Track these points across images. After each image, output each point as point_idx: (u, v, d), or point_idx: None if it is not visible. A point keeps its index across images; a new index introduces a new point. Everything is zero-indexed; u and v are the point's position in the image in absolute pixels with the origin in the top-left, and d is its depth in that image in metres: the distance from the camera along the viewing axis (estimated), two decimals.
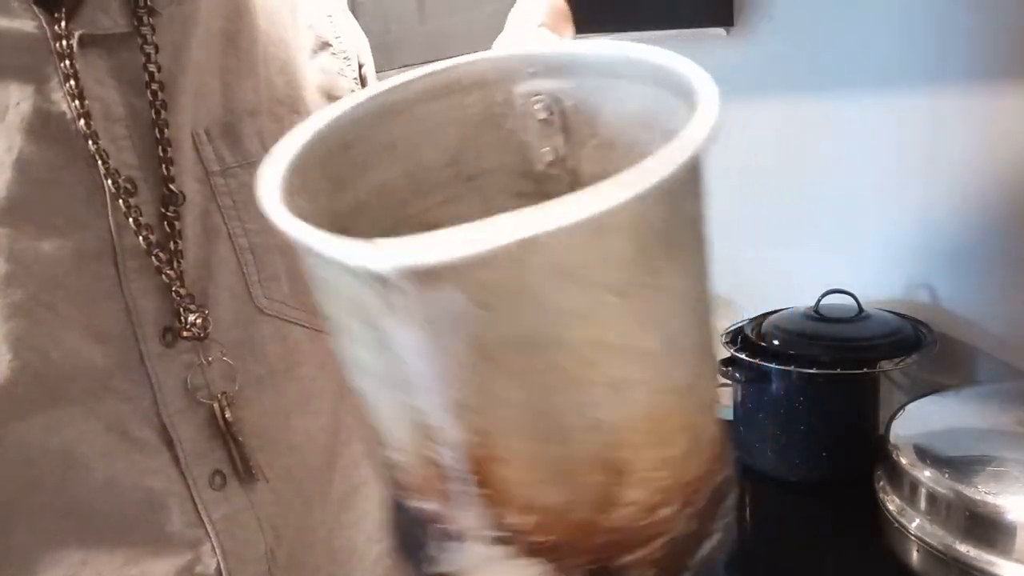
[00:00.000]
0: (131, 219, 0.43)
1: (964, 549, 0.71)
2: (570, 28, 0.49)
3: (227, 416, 0.44)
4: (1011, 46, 0.90)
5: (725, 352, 1.04)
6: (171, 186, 0.44)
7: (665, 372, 0.24)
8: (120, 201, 0.42)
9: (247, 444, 0.45)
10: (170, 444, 0.44)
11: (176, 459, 0.44)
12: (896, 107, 1.04)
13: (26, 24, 0.41)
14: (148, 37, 0.43)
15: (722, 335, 1.08)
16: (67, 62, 0.41)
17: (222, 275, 0.46)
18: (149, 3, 0.44)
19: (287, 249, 0.39)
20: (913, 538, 0.76)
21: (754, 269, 1.32)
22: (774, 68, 1.20)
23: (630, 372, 0.23)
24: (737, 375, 1.02)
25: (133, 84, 0.44)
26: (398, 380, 0.23)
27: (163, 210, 0.44)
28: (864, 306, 1.01)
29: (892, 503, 0.80)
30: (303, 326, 0.48)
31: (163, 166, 0.44)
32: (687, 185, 0.26)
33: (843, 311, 1.02)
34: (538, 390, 0.22)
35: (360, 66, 0.61)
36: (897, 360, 0.94)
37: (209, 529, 0.44)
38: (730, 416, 1.13)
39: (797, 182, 1.21)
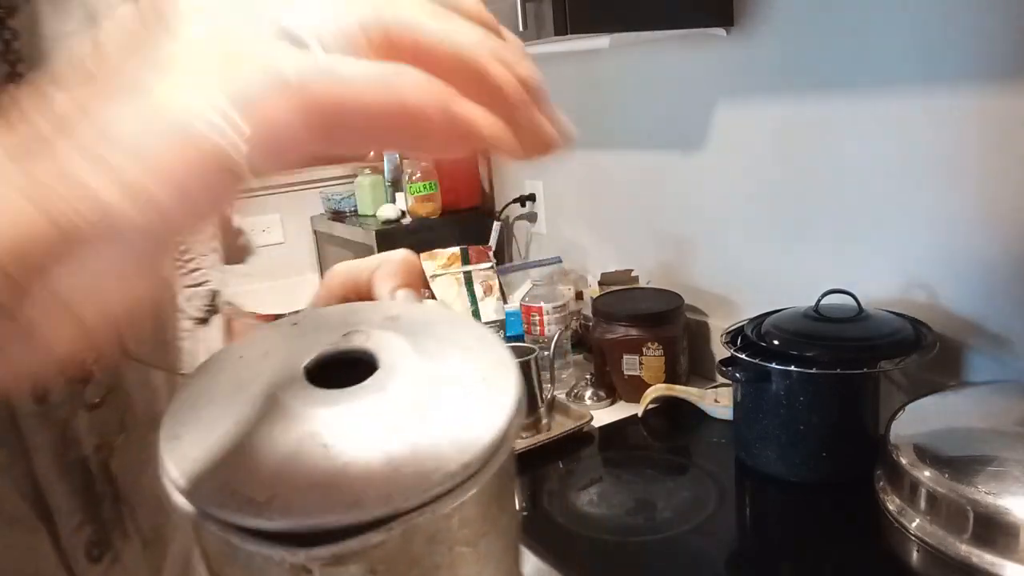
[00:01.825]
0: None
1: (964, 549, 0.71)
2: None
3: (102, 470, 0.40)
4: (1011, 46, 0.90)
5: (725, 352, 1.04)
6: None
7: None
8: None
9: (124, 501, 0.41)
10: (47, 517, 0.38)
11: (55, 535, 0.38)
12: (896, 107, 1.04)
13: None
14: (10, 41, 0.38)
15: (722, 335, 1.08)
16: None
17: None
18: None
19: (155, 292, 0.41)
20: (913, 538, 0.76)
21: (754, 269, 1.32)
22: (774, 68, 1.20)
23: None
24: (737, 375, 1.03)
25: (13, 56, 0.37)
26: None
27: None
28: (864, 306, 1.02)
29: (892, 503, 0.80)
30: (165, 369, 0.44)
31: None
32: (507, 456, 0.29)
33: (843, 311, 1.02)
34: None
35: None
36: (897, 360, 0.94)
37: None
38: (730, 416, 1.13)
39: (797, 182, 1.21)
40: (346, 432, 0.27)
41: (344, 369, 0.30)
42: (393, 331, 0.32)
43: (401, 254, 0.42)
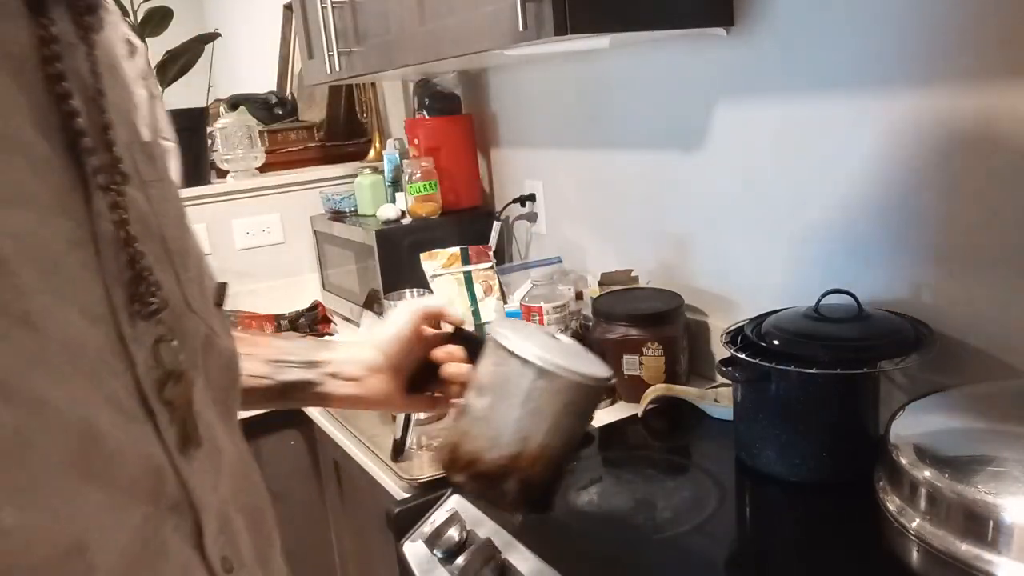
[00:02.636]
0: (115, 212, 0.48)
1: (964, 549, 0.71)
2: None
3: (171, 395, 0.50)
4: (1012, 47, 0.90)
5: (725, 352, 1.04)
6: (127, 187, 0.50)
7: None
8: (101, 193, 0.47)
9: (190, 417, 0.52)
10: (151, 415, 0.49)
11: (157, 428, 0.49)
12: (895, 107, 1.04)
13: (15, 25, 0.44)
14: (92, 52, 0.48)
15: (722, 335, 1.08)
16: (58, 64, 0.45)
17: (164, 272, 0.52)
18: (89, 18, 0.49)
19: (197, 258, 0.58)
20: (913, 538, 0.76)
21: (754, 269, 1.32)
22: (774, 68, 1.20)
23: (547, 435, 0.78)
24: (737, 375, 1.03)
25: (81, 91, 0.48)
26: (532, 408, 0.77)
27: (120, 211, 0.49)
28: (864, 306, 1.02)
29: (892, 503, 0.80)
30: (208, 326, 0.56)
31: (124, 171, 0.50)
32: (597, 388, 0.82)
33: (843, 311, 1.02)
34: (538, 421, 0.77)
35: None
36: (897, 360, 0.94)
37: (188, 489, 0.51)
38: (730, 416, 1.13)
39: (797, 182, 1.21)
40: (562, 344, 0.83)
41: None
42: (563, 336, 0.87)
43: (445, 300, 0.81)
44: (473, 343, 0.84)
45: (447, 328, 0.87)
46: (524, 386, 0.76)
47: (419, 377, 0.86)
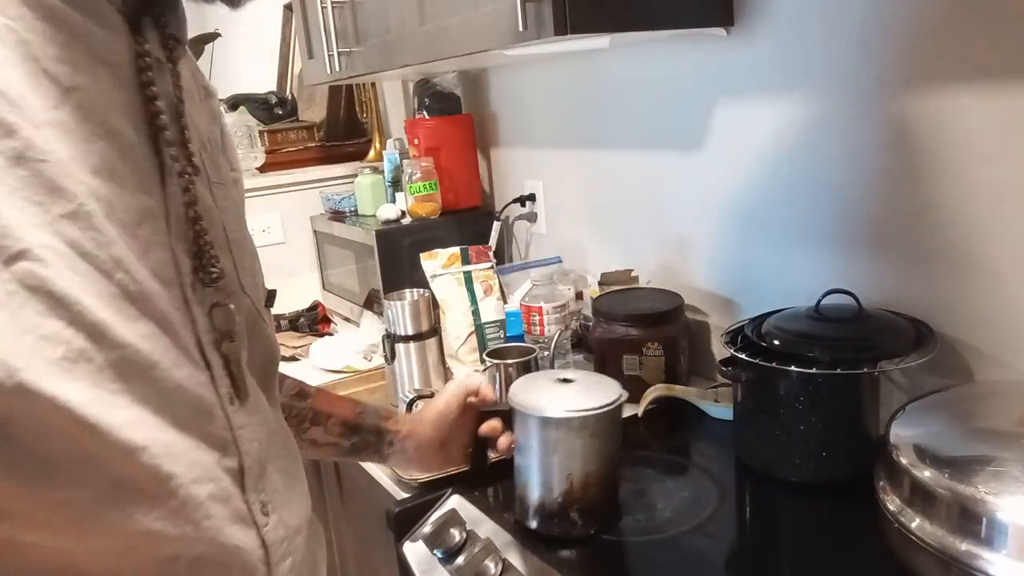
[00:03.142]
0: (185, 195, 0.58)
1: (964, 549, 0.71)
2: None
3: (227, 351, 0.60)
4: (1012, 47, 0.90)
5: (725, 352, 1.04)
6: (195, 178, 0.60)
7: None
8: (175, 178, 0.58)
9: (239, 374, 0.61)
10: (207, 366, 0.58)
11: (212, 378, 0.58)
12: (895, 107, 1.04)
13: (117, 36, 0.55)
14: (176, 67, 0.60)
15: (722, 335, 1.08)
16: (149, 73, 0.56)
17: (222, 254, 0.62)
18: (175, 51, 0.60)
19: (251, 253, 0.71)
20: (913, 538, 0.76)
21: (754, 269, 1.32)
22: (774, 68, 1.20)
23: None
24: (737, 375, 1.03)
25: (166, 98, 0.59)
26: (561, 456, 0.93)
27: (196, 196, 0.59)
28: (864, 306, 1.02)
29: (892, 503, 0.80)
30: (257, 309, 0.67)
31: (195, 167, 0.60)
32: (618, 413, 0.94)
33: (843, 311, 1.02)
34: (573, 458, 0.93)
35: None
36: (897, 360, 0.94)
37: (235, 433, 0.60)
38: (730, 416, 1.13)
39: (797, 182, 1.21)
40: (573, 383, 0.95)
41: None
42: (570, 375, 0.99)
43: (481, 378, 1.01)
44: (506, 414, 0.95)
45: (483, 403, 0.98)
46: (550, 437, 0.91)
47: (475, 448, 0.98)
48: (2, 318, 0.45)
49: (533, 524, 0.94)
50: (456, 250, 1.62)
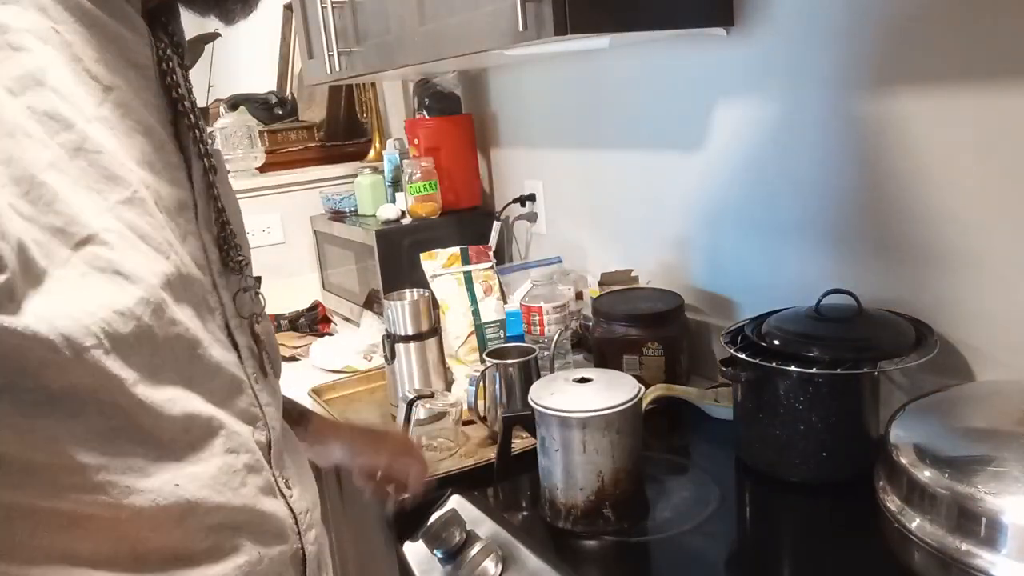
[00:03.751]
0: (213, 188, 0.63)
1: (964, 549, 0.71)
2: None
3: (256, 331, 0.66)
4: (1013, 48, 0.90)
5: (725, 352, 1.04)
6: (213, 171, 0.64)
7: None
8: (201, 172, 0.62)
9: (263, 354, 0.66)
10: (235, 346, 0.63)
11: (240, 357, 0.63)
12: (896, 107, 1.04)
13: (142, 39, 0.58)
14: (186, 73, 0.64)
15: (722, 335, 1.08)
16: (174, 76, 0.61)
17: (243, 243, 0.67)
18: (182, 41, 0.64)
19: (246, 241, 0.71)
20: (913, 538, 0.76)
21: (755, 269, 1.32)
22: (774, 68, 1.20)
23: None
24: (737, 375, 1.03)
25: (187, 96, 0.63)
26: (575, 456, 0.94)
27: (216, 189, 0.64)
28: (864, 306, 1.02)
29: (892, 503, 0.80)
30: (255, 294, 0.70)
31: (207, 157, 0.64)
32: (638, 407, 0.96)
33: (843, 311, 1.02)
34: (600, 456, 0.94)
35: None
36: (897, 360, 0.94)
37: (263, 410, 0.64)
38: (730, 416, 1.13)
39: (797, 182, 1.21)
40: (592, 382, 0.97)
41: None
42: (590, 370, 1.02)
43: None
44: (528, 418, 0.97)
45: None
46: (575, 437, 0.93)
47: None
48: (76, 298, 0.47)
49: (564, 525, 0.96)
50: (456, 250, 1.62)
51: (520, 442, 1.13)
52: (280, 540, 0.63)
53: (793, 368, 0.96)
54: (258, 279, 0.76)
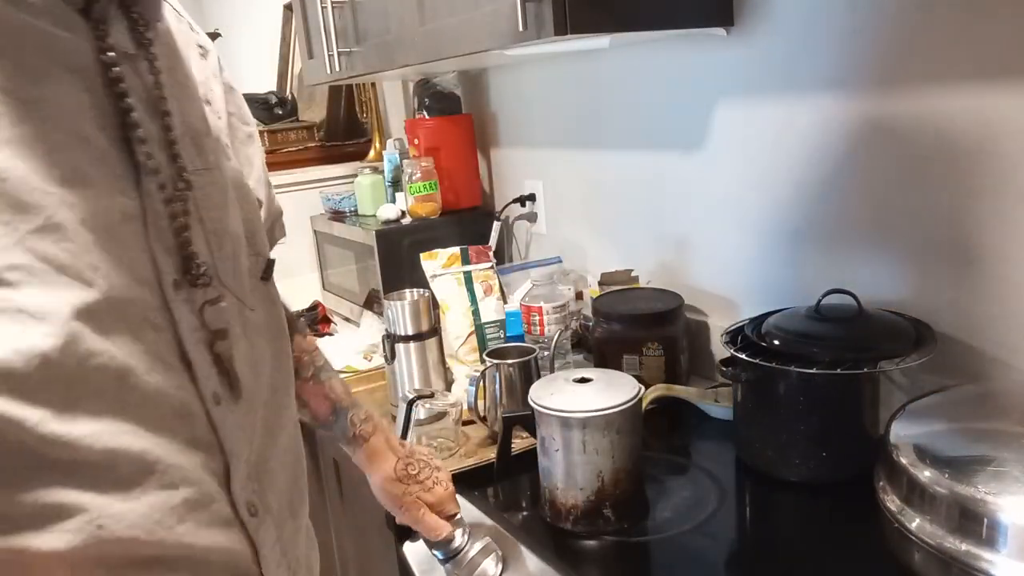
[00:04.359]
0: (161, 194, 0.57)
1: (964, 549, 0.71)
2: None
3: (219, 349, 0.60)
4: (1013, 48, 0.90)
5: (725, 352, 1.04)
6: (184, 175, 0.59)
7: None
8: (151, 178, 0.56)
9: (232, 371, 0.61)
10: (188, 367, 0.57)
11: (194, 379, 0.58)
12: (896, 107, 1.04)
13: (80, 38, 0.54)
14: (153, 61, 0.59)
15: (722, 335, 1.08)
16: (114, 69, 0.54)
17: (200, 248, 0.60)
18: (147, 35, 0.58)
19: (234, 237, 0.65)
20: (913, 538, 0.76)
21: (754, 269, 1.32)
22: (774, 68, 1.20)
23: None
24: (737, 375, 1.03)
25: (140, 93, 0.57)
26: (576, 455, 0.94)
27: (175, 192, 0.58)
28: (864, 306, 1.02)
29: (892, 503, 0.80)
30: (239, 299, 0.64)
31: (176, 160, 0.59)
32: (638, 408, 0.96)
33: (843, 311, 1.02)
34: (600, 456, 0.94)
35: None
36: (897, 360, 0.94)
37: (219, 436, 0.59)
38: (730, 416, 1.13)
39: (797, 181, 1.21)
40: (592, 382, 0.96)
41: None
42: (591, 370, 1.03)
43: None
44: (528, 418, 0.97)
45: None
46: (575, 437, 0.93)
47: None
48: None
49: (565, 525, 0.96)
50: (456, 250, 1.62)
51: (520, 442, 1.13)
52: (229, 574, 0.59)
53: (793, 368, 0.96)
54: (270, 263, 0.72)
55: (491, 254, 1.67)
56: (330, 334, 2.02)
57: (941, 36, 0.97)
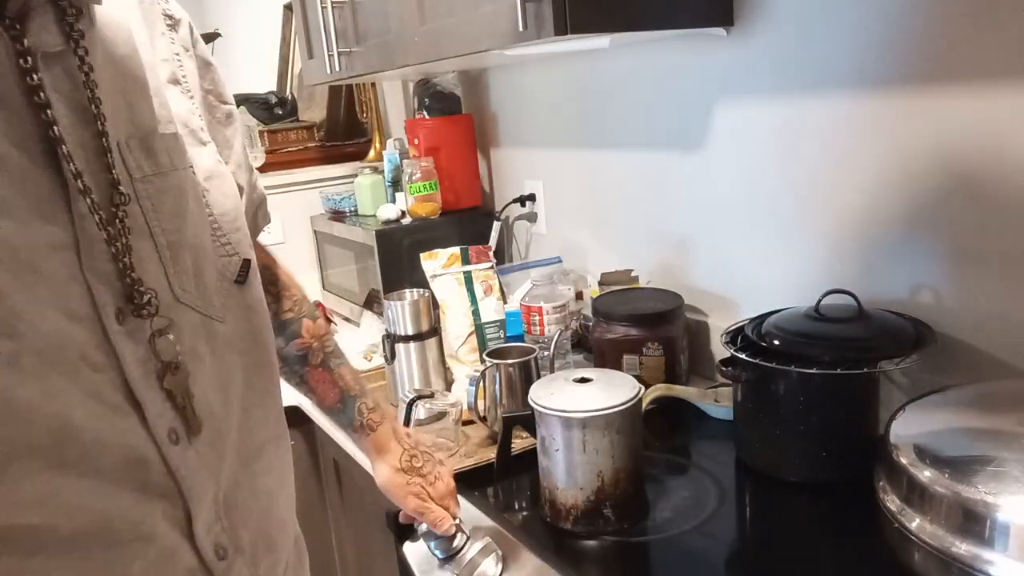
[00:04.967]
0: (95, 215, 0.49)
1: (964, 549, 0.71)
2: None
3: (173, 383, 0.53)
4: (1014, 49, 0.90)
5: (725, 352, 1.04)
6: (120, 188, 0.51)
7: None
8: (82, 198, 0.48)
9: (188, 406, 0.54)
10: (137, 407, 0.51)
11: (144, 420, 0.51)
12: (897, 106, 1.04)
13: None
14: (84, 57, 0.50)
15: (722, 335, 1.08)
16: (34, 75, 0.47)
17: (150, 267, 0.53)
18: (79, 26, 0.50)
19: (194, 247, 0.56)
20: (913, 538, 0.76)
21: (754, 269, 1.32)
22: (774, 68, 1.20)
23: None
24: (737, 375, 1.03)
25: (69, 97, 0.49)
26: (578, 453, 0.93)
27: (113, 209, 0.50)
28: (864, 306, 1.02)
29: (892, 503, 0.80)
30: (203, 314, 0.57)
31: (111, 171, 0.51)
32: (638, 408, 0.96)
33: (843, 311, 1.02)
34: (600, 456, 0.94)
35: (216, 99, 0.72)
36: (897, 360, 0.94)
37: (177, 478, 0.53)
38: (730, 416, 1.13)
39: (797, 181, 1.21)
40: (591, 382, 0.96)
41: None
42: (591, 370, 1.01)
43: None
44: (528, 418, 0.97)
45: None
46: (575, 437, 0.93)
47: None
48: None
49: (565, 525, 0.96)
50: (456, 250, 1.62)
51: (520, 442, 1.13)
52: None
53: (793, 368, 0.96)
54: (246, 263, 0.64)
55: (491, 254, 1.67)
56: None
57: (941, 36, 0.97)
